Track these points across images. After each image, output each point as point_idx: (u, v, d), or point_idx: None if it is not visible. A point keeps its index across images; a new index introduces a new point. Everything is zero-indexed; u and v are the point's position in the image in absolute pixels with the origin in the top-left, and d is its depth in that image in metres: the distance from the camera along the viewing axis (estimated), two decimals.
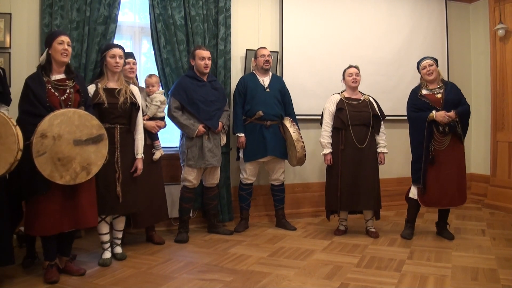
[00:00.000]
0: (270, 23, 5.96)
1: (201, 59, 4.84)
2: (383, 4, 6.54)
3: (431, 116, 4.62)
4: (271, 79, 5.35)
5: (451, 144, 4.70)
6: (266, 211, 5.86)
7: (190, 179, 4.86)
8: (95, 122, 3.59)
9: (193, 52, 4.91)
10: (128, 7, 5.43)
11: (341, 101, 4.97)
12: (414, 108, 4.78)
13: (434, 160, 4.66)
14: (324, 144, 4.98)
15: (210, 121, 4.83)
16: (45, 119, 3.30)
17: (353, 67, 5.05)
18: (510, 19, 6.30)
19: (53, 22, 4.60)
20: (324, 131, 5.01)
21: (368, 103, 5.01)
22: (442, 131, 4.64)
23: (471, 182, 7.12)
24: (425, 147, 4.67)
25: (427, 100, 4.70)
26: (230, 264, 4.03)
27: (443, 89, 4.77)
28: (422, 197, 4.76)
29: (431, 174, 4.69)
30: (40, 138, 3.26)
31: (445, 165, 4.68)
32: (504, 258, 4.07)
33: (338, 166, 4.90)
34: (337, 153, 4.92)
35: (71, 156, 3.42)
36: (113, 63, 4.02)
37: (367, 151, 4.90)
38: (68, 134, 3.40)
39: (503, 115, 6.44)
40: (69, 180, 3.41)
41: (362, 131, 4.90)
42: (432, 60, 4.81)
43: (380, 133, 5.01)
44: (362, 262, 4.07)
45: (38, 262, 3.90)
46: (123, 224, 4.28)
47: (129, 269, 3.87)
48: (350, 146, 4.88)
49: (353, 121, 4.87)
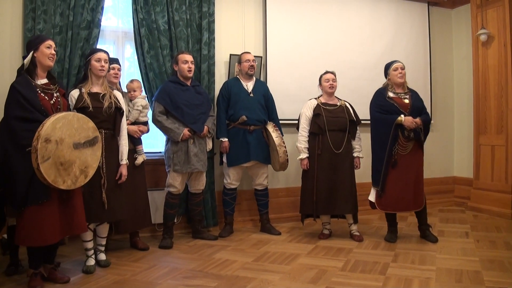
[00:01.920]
0: (254, 28, 5.97)
1: (184, 62, 4.82)
2: (365, 10, 6.59)
3: (400, 120, 4.65)
4: (255, 84, 5.35)
5: (413, 150, 4.75)
6: (250, 216, 5.84)
7: (175, 185, 4.84)
8: (91, 124, 3.57)
9: (175, 57, 4.91)
10: (112, 12, 5.40)
11: (318, 107, 5.00)
12: (381, 110, 4.79)
13: (396, 163, 4.70)
14: (300, 149, 5.01)
15: (195, 124, 4.82)
16: (48, 123, 3.21)
17: (330, 73, 5.08)
18: (492, 25, 6.37)
19: (36, 26, 4.57)
20: (301, 136, 5.03)
21: (344, 108, 5.04)
22: (407, 136, 4.69)
23: (455, 185, 7.20)
24: (388, 150, 4.70)
25: (395, 104, 4.74)
26: (215, 269, 4.01)
27: (409, 95, 4.82)
28: (379, 201, 4.79)
29: (391, 178, 4.73)
30: (45, 143, 3.17)
31: (405, 169, 4.71)
32: (488, 260, 4.11)
33: (314, 171, 4.93)
34: (313, 158, 4.94)
35: (72, 160, 3.37)
36: (98, 67, 3.97)
37: (343, 156, 4.93)
38: (69, 137, 3.35)
39: (485, 119, 6.51)
40: (70, 184, 3.36)
41: (338, 136, 4.93)
42: (403, 64, 4.86)
43: (356, 138, 5.05)
44: (347, 265, 4.08)
45: (21, 270, 3.84)
46: (107, 231, 4.24)
47: (113, 276, 3.82)
48: (327, 151, 4.90)
49: (330, 126, 4.90)
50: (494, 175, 6.36)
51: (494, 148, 6.38)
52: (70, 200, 3.48)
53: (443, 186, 6.98)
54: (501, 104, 6.26)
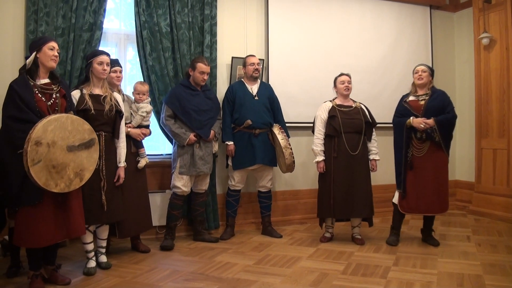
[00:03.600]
0: (256, 31, 5.97)
1: (201, 73, 4.88)
2: (367, 13, 6.59)
3: (408, 122, 4.67)
4: (259, 87, 5.35)
5: (429, 152, 4.72)
6: (252, 218, 5.84)
7: (179, 186, 4.84)
8: (87, 126, 3.53)
9: (194, 62, 4.92)
10: (114, 14, 5.41)
11: (333, 109, 4.98)
12: (398, 114, 4.84)
13: (412, 165, 4.70)
14: (316, 152, 4.97)
15: (202, 130, 4.85)
16: (39, 126, 3.18)
17: (345, 75, 5.08)
18: (494, 28, 6.37)
19: (38, 28, 4.57)
20: (317, 138, 5.01)
21: (360, 110, 5.02)
22: (419, 137, 4.68)
23: (456, 189, 7.19)
24: (404, 152, 4.72)
25: (408, 107, 4.76)
26: (216, 272, 4.01)
27: (428, 96, 4.80)
28: (401, 202, 4.79)
29: (409, 180, 4.74)
30: (35, 146, 3.14)
31: (422, 171, 4.71)
32: (489, 264, 4.10)
33: (330, 174, 4.90)
34: (329, 161, 4.91)
35: (65, 162, 3.33)
36: (100, 69, 3.98)
37: (359, 158, 4.90)
38: (62, 140, 3.31)
39: (487, 123, 6.50)
40: (63, 187, 3.33)
41: (354, 138, 4.90)
42: (426, 67, 4.86)
43: (372, 140, 5.03)
44: (348, 269, 4.07)
45: (22, 272, 3.84)
46: (107, 233, 4.23)
47: (114, 278, 3.82)
48: (343, 154, 4.87)
49: (345, 128, 4.88)
50: (496, 179, 6.35)
51: (496, 152, 6.37)
52: (66, 203, 3.45)
53: None
54: (503, 107, 6.26)
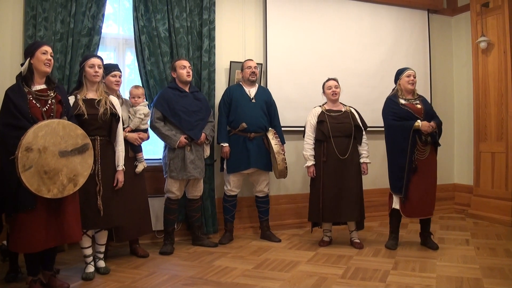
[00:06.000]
0: (254, 35, 5.98)
1: (182, 67, 4.85)
2: (365, 17, 6.61)
3: (417, 125, 4.65)
4: (257, 90, 5.36)
5: (430, 154, 4.76)
6: (250, 223, 5.84)
7: (173, 191, 4.84)
8: (80, 131, 3.52)
9: (173, 64, 4.94)
10: (112, 19, 5.42)
11: (322, 114, 5.00)
12: (396, 117, 4.79)
13: (417, 169, 4.70)
14: (306, 157, 5.00)
15: (192, 131, 4.82)
16: (29, 132, 3.18)
17: (332, 80, 5.09)
18: (492, 32, 6.39)
19: (37, 33, 4.58)
20: (307, 143, 5.03)
21: (349, 114, 5.04)
22: (424, 140, 4.69)
23: (455, 192, 7.19)
24: (409, 156, 4.70)
25: (409, 110, 4.75)
26: (214, 276, 4.00)
27: (419, 100, 4.85)
28: (403, 208, 4.78)
29: (412, 184, 4.72)
30: (26, 152, 3.14)
31: (425, 174, 4.72)
32: (488, 268, 4.10)
33: (320, 178, 4.92)
34: (319, 165, 4.94)
35: (58, 168, 3.32)
36: (92, 72, 3.97)
37: (349, 162, 4.92)
38: (53, 145, 3.30)
39: (485, 126, 6.51)
40: (56, 193, 3.31)
41: (343, 142, 4.92)
42: (415, 72, 4.88)
43: (363, 144, 5.03)
44: (347, 273, 4.07)
45: (21, 277, 3.83)
46: (106, 238, 4.22)
47: (112, 283, 3.81)
48: (332, 158, 4.89)
49: (334, 132, 4.90)
50: (495, 182, 6.35)
51: (494, 155, 6.37)
52: (61, 208, 3.43)
53: (443, 193, 6.94)
54: (501, 111, 6.27)
